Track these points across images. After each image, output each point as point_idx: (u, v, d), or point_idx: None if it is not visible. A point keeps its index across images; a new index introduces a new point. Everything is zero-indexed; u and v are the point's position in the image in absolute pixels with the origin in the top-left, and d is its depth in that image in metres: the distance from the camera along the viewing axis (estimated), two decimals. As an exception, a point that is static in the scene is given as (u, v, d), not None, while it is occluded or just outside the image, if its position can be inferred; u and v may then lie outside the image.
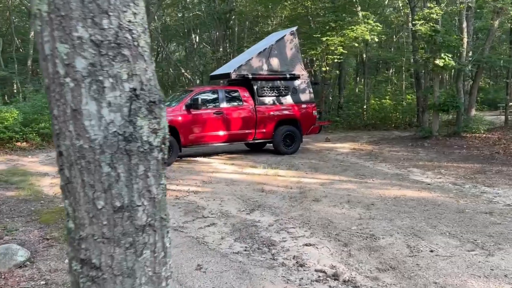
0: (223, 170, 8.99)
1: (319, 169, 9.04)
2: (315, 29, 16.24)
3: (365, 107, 21.73)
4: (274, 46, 11.33)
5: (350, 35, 14.27)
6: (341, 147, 13.08)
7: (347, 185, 7.38)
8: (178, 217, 5.75)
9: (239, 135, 10.62)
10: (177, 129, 9.67)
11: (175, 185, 7.74)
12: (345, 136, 16.78)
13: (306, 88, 11.69)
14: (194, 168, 9.34)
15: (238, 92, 10.77)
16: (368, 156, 11.14)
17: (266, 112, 10.93)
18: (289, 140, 11.28)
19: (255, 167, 9.28)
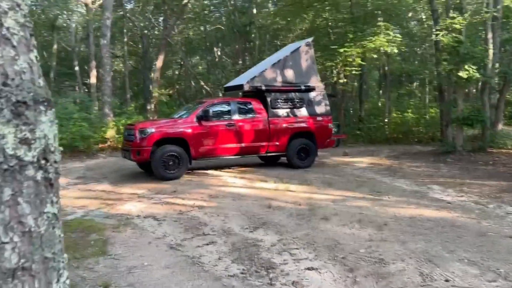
0: (232, 184, 8.68)
1: (332, 184, 8.63)
2: (333, 41, 15.90)
3: (386, 120, 21.15)
4: (289, 57, 11.05)
5: (369, 46, 13.87)
6: (359, 162, 12.60)
7: (360, 203, 6.95)
8: (177, 234, 5.46)
9: (252, 148, 10.31)
10: (187, 141, 9.45)
11: (181, 199, 7.47)
12: (365, 150, 16.27)
13: (322, 100, 11.32)
14: (203, 181, 9.06)
15: (251, 104, 10.50)
16: (386, 171, 10.65)
17: (279, 125, 10.61)
18: (303, 154, 10.91)
19: (266, 181, 8.94)
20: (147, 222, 6.09)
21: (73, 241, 5.09)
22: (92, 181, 9.78)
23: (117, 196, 7.97)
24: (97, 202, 7.55)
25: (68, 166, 12.80)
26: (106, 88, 16.71)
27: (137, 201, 7.44)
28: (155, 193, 8.12)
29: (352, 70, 14.90)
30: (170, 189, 8.35)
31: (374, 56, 14.51)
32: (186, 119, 9.71)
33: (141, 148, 9.14)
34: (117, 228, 5.71)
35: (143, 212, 6.63)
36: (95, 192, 8.48)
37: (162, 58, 18.58)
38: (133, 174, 10.42)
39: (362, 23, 15.41)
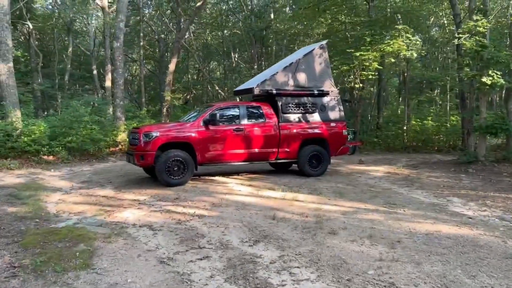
0: (238, 192, 8.25)
1: (344, 194, 8.11)
2: (349, 44, 15.35)
3: (405, 128, 20.44)
4: (301, 61, 10.60)
5: (387, 50, 13.27)
6: (375, 170, 12.03)
7: (373, 215, 6.43)
8: (171, 246, 5.06)
9: (261, 154, 9.88)
10: (193, 146, 9.08)
11: (182, 207, 7.08)
12: (382, 158, 15.65)
13: (336, 106, 10.83)
14: (208, 188, 8.66)
15: (261, 108, 10.08)
16: (403, 181, 10.07)
17: (290, 130, 10.16)
18: (315, 161, 10.41)
19: (273, 189, 8.48)
20: (142, 231, 5.71)
21: (58, 251, 4.74)
22: (96, 185, 9.50)
23: (117, 202, 7.64)
24: (95, 208, 7.22)
25: (76, 169, 12.61)
26: (118, 91, 16.54)
27: (136, 208, 7.09)
28: (157, 199, 7.76)
29: (368, 75, 14.31)
30: (173, 195, 7.99)
31: (392, 61, 13.85)
32: (192, 123, 9.34)
33: (145, 153, 8.81)
34: (108, 238, 5.34)
35: (140, 221, 6.27)
36: (96, 197, 8.17)
37: (175, 61, 18.35)
38: (138, 179, 10.11)
39: (380, 27, 14.84)
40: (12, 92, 14.60)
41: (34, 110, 15.80)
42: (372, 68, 13.95)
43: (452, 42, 14.65)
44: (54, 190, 9.15)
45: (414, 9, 16.75)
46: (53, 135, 14.50)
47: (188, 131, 9.16)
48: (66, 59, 22.47)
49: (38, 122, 13.87)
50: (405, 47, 13.22)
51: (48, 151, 13.78)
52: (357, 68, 14.32)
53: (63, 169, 12.56)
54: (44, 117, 16.24)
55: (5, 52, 14.48)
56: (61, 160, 13.88)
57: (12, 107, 14.31)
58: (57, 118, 15.19)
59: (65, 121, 14.65)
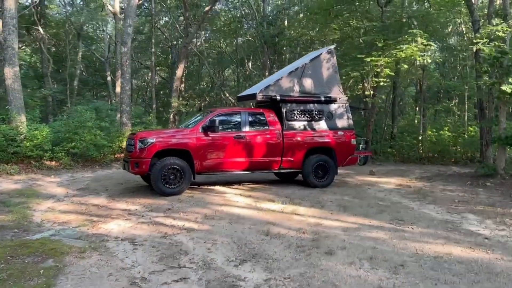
0: (235, 203, 7.74)
1: (349, 208, 7.53)
2: (360, 50, 14.74)
3: (420, 138, 19.69)
4: (307, 65, 10.10)
5: (399, 56, 12.64)
6: (386, 182, 11.40)
7: (377, 233, 5.85)
8: (149, 264, 4.58)
9: (263, 163, 9.37)
10: (191, 153, 8.63)
11: (172, 219, 6.62)
12: (394, 169, 14.96)
13: (344, 113, 10.27)
14: (204, 198, 8.18)
15: (264, 115, 9.59)
16: (415, 194, 9.42)
17: (295, 138, 9.64)
18: (321, 172, 9.86)
19: (273, 201, 7.95)
20: (122, 246, 5.25)
21: (22, 268, 4.31)
22: (92, 193, 9.13)
23: (107, 212, 7.22)
24: (82, 218, 6.82)
25: (77, 176, 12.30)
26: (125, 97, 16.26)
27: (124, 219, 6.65)
28: (149, 210, 7.32)
29: (380, 82, 13.69)
30: (166, 206, 7.54)
31: (405, 66, 13.17)
32: (191, 129, 8.90)
33: (140, 160, 8.39)
34: (82, 252, 4.89)
35: (124, 233, 5.82)
36: (87, 206, 7.77)
37: (182, 67, 18.04)
38: (136, 187, 9.70)
39: (393, 32, 14.19)
40: (18, 96, 14.44)
41: (39, 115, 15.57)
42: (384, 75, 13.32)
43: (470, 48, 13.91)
44: (47, 197, 8.81)
45: (430, 13, 16.04)
46: (57, 140, 14.25)
47: (186, 137, 8.73)
48: (76, 64, 22.32)
49: (41, 127, 13.61)
50: (418, 52, 12.56)
51: (50, 156, 13.52)
52: (368, 75, 13.69)
53: (64, 175, 12.25)
54: (51, 122, 15.97)
55: (11, 56, 14.35)
56: (63, 166, 13.59)
57: (16, 112, 14.14)
58: (62, 123, 14.94)
59: (69, 126, 14.41)
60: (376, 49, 13.41)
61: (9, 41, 14.23)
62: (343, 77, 13.87)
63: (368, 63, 13.04)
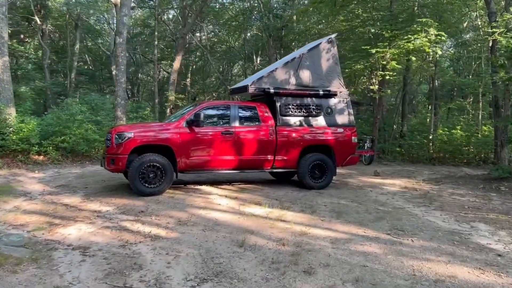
0: (217, 207, 6.96)
1: (343, 214, 6.71)
2: (366, 41, 13.75)
3: (431, 137, 18.70)
4: (305, 56, 9.26)
5: (407, 47, 11.66)
6: (391, 184, 10.54)
7: (370, 247, 5.02)
8: (90, 282, 3.85)
9: (253, 161, 8.58)
10: (173, 150, 7.88)
11: (141, 223, 5.88)
12: (401, 170, 14.06)
13: (344, 109, 9.43)
14: (185, 200, 7.42)
15: (256, 109, 8.80)
16: (420, 199, 8.55)
17: (289, 135, 8.83)
18: (318, 172, 9.04)
19: (260, 204, 7.15)
20: (70, 256, 4.52)
21: None
22: (69, 191, 8.45)
23: (74, 214, 6.51)
24: (43, 220, 6.12)
25: (63, 171, 11.66)
26: (119, 89, 15.58)
27: (88, 223, 5.93)
28: (121, 212, 6.59)
29: (386, 75, 12.73)
30: (140, 207, 6.81)
31: (413, 59, 12.18)
32: (174, 123, 8.14)
33: (116, 156, 7.66)
34: (18, 264, 4.17)
35: (80, 240, 5.09)
36: (56, 206, 7.07)
37: (179, 59, 17.29)
38: (117, 185, 8.99)
39: (402, 22, 13.17)
40: (7, 87, 13.86)
41: (31, 108, 14.96)
42: (390, 67, 12.35)
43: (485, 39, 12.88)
44: (20, 194, 8.15)
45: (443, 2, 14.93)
46: (47, 134, 13.66)
47: (168, 132, 7.97)
48: (73, 56, 21.73)
49: (27, 119, 12.99)
50: (428, 43, 11.57)
51: (37, 151, 12.90)
52: (373, 68, 12.75)
53: (50, 171, 11.62)
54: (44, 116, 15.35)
55: (0, 45, 13.77)
56: (51, 161, 12.98)
57: (5, 103, 13.57)
58: (53, 116, 14.32)
59: (60, 119, 13.79)
60: (383, 40, 12.44)
61: (-2, 29, 13.66)
62: (346, 70, 12.93)
63: (372, 54, 12.11)
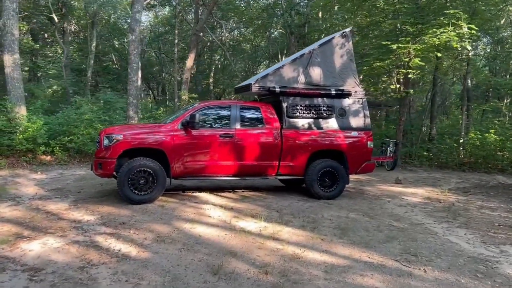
0: (206, 219, 6.22)
1: (349, 232, 5.84)
2: (386, 36, 12.65)
3: (461, 141, 17.37)
4: (316, 52, 8.41)
5: (432, 42, 10.51)
6: (412, 194, 9.54)
7: (371, 279, 4.16)
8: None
9: (255, 167, 7.81)
10: (166, 154, 7.21)
11: (116, 238, 5.22)
12: (427, 177, 12.95)
13: (359, 110, 8.52)
14: (175, 210, 6.73)
15: (259, 110, 8.02)
16: (443, 212, 7.56)
17: (296, 139, 8.01)
18: (328, 180, 8.18)
19: (256, 217, 6.37)
20: (14, 281, 3.91)
21: None
22: (60, 196, 7.95)
23: (50, 224, 5.94)
24: (13, 231, 5.57)
25: (66, 173, 11.26)
26: (131, 88, 15.11)
27: (59, 236, 5.33)
28: (102, 222, 5.98)
29: (408, 73, 11.60)
30: (125, 218, 6.19)
31: (439, 55, 11.01)
32: (168, 125, 7.47)
33: (104, 160, 7.06)
34: None
35: (39, 259, 4.48)
36: (37, 213, 6.54)
37: (192, 57, 16.67)
38: (112, 191, 8.42)
39: (427, 14, 11.96)
40: (17, 85, 13.62)
41: (43, 107, 14.66)
42: (412, 65, 11.22)
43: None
44: (9, 199, 7.70)
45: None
46: (55, 133, 13.33)
47: (161, 135, 7.30)
48: (90, 54, 21.52)
49: (34, 118, 12.66)
50: (456, 38, 10.41)
51: (44, 151, 12.57)
52: (395, 65, 11.63)
53: (53, 172, 11.24)
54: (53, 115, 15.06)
55: (11, 42, 13.53)
56: (57, 162, 12.63)
57: (16, 102, 13.33)
58: (63, 115, 13.99)
59: (70, 118, 13.43)
60: (407, 35, 11.32)
61: (8, 26, 13.41)
62: (364, 68, 11.89)
63: (393, 50, 11.05)
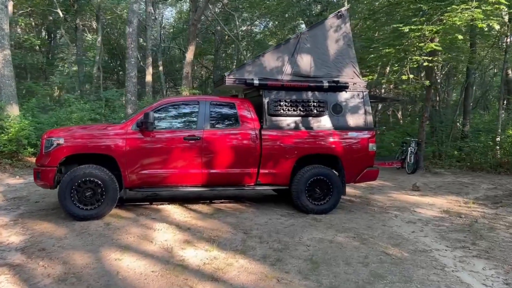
0: (144, 246, 4.94)
1: (322, 268, 4.44)
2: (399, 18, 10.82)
3: (498, 139, 15.36)
4: (304, 36, 7.01)
5: (452, 21, 8.64)
6: (429, 205, 7.99)
7: None
8: None
9: (228, 176, 6.51)
10: (116, 161, 6.04)
11: (14, 273, 4.16)
12: (452, 182, 11.22)
13: (359, 106, 7.05)
14: (118, 230, 5.52)
15: (234, 107, 6.70)
16: (461, 233, 6.01)
17: (279, 142, 6.65)
18: (319, 190, 6.78)
19: (211, 242, 5.06)
20: None
21: None
22: (11, 207, 6.97)
23: (-37, 246, 4.89)
24: None
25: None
26: (130, 84, 14.16)
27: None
28: (23, 247, 4.92)
29: (422, 61, 9.80)
30: (53, 240, 5.10)
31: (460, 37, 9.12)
32: (120, 126, 6.29)
33: (43, 168, 5.97)
34: None
35: None
36: (-38, 230, 5.53)
37: (192, 49, 15.48)
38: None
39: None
40: (8, 83, 12.90)
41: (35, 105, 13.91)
42: (426, 50, 9.40)
43: None
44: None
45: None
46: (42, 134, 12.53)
47: (110, 137, 6.12)
48: (94, 49, 20.80)
49: (18, 118, 11.84)
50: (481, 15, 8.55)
51: (31, 152, 11.75)
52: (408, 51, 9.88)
53: (30, 177, 10.35)
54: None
55: (0, 37, 12.83)
56: (43, 164, 11.78)
57: (7, 100, 12.63)
58: (55, 114, 13.18)
59: (56, 118, 12.60)
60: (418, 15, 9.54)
61: (-3, 21, 12.72)
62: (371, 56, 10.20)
63: (405, 34, 9.30)
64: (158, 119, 6.31)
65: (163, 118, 6.37)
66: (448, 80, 23.38)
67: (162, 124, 6.34)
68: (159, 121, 6.32)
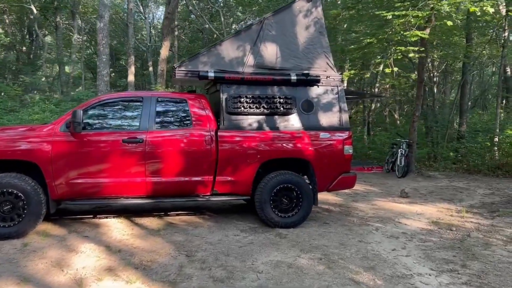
0: (51, 277, 3.93)
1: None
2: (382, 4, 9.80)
3: (496, 139, 14.44)
4: (269, 22, 6.07)
5: (438, 6, 7.63)
6: (416, 215, 7.06)
7: None
8: None
9: (178, 185, 5.55)
10: (40, 169, 5.09)
11: None
12: (445, 186, 10.29)
13: (333, 103, 6.11)
14: (33, 254, 4.56)
15: (185, 104, 5.75)
16: (451, 251, 5.07)
17: (239, 144, 5.70)
18: (286, 200, 5.83)
19: (140, 269, 4.11)
20: None
21: None
22: None
23: None
24: None
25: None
26: (101, 83, 13.19)
27: None
28: None
29: (407, 51, 8.80)
30: None
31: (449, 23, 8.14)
32: (47, 127, 5.33)
33: (-49, 178, 5.02)
34: None
35: None
36: None
37: (167, 45, 14.52)
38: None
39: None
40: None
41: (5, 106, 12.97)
42: (411, 39, 8.38)
43: None
44: None
45: None
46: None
47: (32, 141, 5.17)
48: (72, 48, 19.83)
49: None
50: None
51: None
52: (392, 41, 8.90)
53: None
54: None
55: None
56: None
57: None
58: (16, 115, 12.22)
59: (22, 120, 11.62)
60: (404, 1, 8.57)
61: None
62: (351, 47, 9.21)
63: (387, 21, 8.31)
64: (92, 119, 5.37)
65: (98, 118, 5.43)
66: (445, 78, 22.52)
67: (97, 124, 5.40)
68: (93, 121, 5.37)
